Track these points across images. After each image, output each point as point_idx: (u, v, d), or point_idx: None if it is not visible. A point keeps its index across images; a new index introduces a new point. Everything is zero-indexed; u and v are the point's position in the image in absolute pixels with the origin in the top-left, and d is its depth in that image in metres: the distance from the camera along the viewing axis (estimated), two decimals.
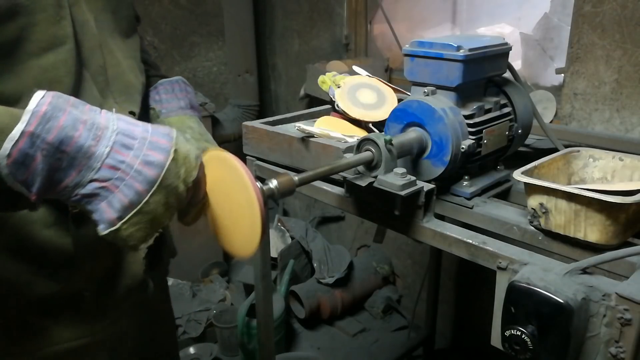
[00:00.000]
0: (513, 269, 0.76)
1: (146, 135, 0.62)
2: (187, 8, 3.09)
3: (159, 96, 1.04)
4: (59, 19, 0.75)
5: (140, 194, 0.61)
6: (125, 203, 0.60)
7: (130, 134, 0.62)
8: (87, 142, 0.59)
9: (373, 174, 0.88)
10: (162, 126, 0.66)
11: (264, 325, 1.51)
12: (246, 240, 0.68)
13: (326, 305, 2.56)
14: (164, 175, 0.61)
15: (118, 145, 0.60)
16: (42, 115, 0.56)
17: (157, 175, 0.61)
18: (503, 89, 1.09)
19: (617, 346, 0.65)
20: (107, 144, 0.60)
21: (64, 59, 0.76)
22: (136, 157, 0.61)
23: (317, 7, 2.77)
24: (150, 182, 0.61)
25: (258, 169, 1.27)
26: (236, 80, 3.05)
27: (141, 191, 0.61)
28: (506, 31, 2.51)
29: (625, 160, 0.96)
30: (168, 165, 0.62)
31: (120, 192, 0.60)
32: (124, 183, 0.60)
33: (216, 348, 2.42)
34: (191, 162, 0.65)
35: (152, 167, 0.61)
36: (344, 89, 1.25)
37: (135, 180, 0.60)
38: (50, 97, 0.58)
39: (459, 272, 2.39)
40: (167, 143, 0.63)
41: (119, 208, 0.60)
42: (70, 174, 0.59)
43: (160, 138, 0.63)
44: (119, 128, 0.61)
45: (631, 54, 1.54)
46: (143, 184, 0.61)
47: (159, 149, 0.62)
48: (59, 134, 0.57)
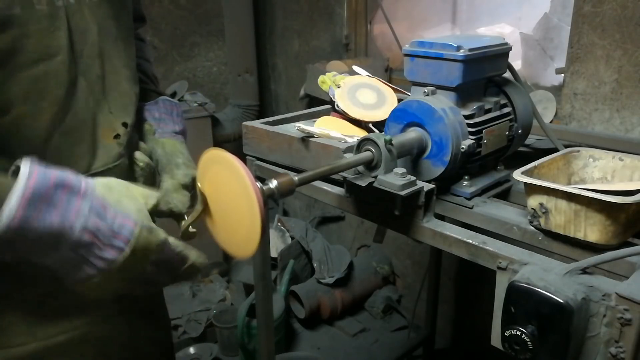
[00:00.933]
0: (513, 269, 0.76)
1: (109, 233, 0.69)
2: (187, 8, 3.09)
3: (159, 114, 1.07)
4: (53, 30, 0.75)
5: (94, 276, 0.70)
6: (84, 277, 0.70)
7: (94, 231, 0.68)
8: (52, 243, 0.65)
9: (373, 174, 0.88)
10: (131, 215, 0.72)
11: (264, 325, 1.51)
12: (246, 240, 0.68)
13: (326, 305, 2.56)
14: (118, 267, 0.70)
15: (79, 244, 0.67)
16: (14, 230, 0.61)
17: (110, 268, 0.70)
18: (503, 89, 1.09)
19: (617, 346, 0.65)
20: (69, 243, 0.66)
21: (55, 70, 0.76)
22: (92, 252, 0.68)
23: (317, 7, 2.77)
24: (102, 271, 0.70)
25: (258, 169, 1.27)
26: (236, 80, 3.05)
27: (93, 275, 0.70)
28: (506, 31, 2.51)
29: (625, 160, 0.96)
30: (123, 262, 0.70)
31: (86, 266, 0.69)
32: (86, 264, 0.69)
33: (216, 348, 2.42)
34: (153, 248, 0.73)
35: (106, 262, 0.69)
36: (344, 89, 1.25)
37: (90, 268, 0.69)
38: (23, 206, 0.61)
39: (459, 272, 2.39)
40: (125, 241, 0.70)
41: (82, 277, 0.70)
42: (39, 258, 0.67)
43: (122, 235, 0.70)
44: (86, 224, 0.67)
45: (631, 54, 1.54)
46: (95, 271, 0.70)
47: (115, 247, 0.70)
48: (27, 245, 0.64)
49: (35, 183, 0.61)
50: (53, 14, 0.75)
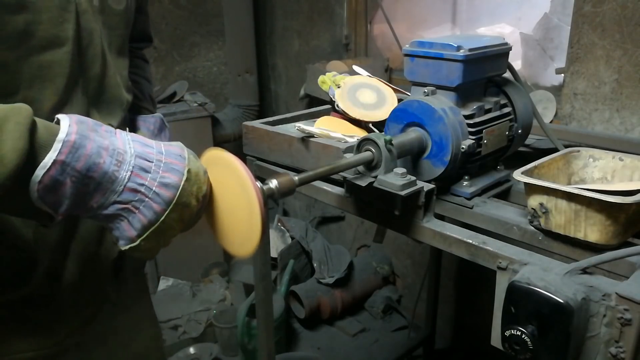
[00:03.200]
0: (513, 269, 0.76)
1: (161, 158, 0.67)
2: (187, 8, 3.09)
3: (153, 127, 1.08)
4: (62, 21, 0.78)
5: (159, 213, 0.65)
6: (145, 223, 0.65)
7: (146, 157, 0.66)
8: (111, 168, 0.63)
9: (373, 174, 0.88)
10: (174, 146, 0.70)
11: (264, 325, 1.51)
12: (246, 239, 0.68)
13: (326, 305, 2.57)
14: (179, 194, 0.66)
15: (137, 169, 0.65)
16: (72, 145, 0.60)
17: (173, 196, 0.66)
18: (503, 89, 1.09)
19: (617, 346, 0.65)
20: (127, 168, 0.64)
21: (60, 59, 0.78)
22: (154, 179, 0.65)
23: (317, 7, 2.77)
24: (167, 202, 0.66)
25: (258, 169, 1.27)
26: (236, 80, 3.05)
27: (159, 211, 0.65)
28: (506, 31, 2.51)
29: (625, 160, 0.96)
30: (182, 185, 0.66)
31: (140, 213, 0.65)
32: (143, 204, 0.65)
33: (216, 348, 2.42)
34: (201, 179, 0.69)
35: (169, 188, 0.66)
36: (344, 89, 1.25)
37: (153, 202, 0.65)
38: (75, 124, 0.61)
39: (459, 272, 2.39)
40: (180, 164, 0.67)
41: (139, 227, 0.65)
42: (95, 196, 0.63)
43: (174, 159, 0.67)
44: (136, 151, 0.66)
45: (631, 54, 1.54)
46: (161, 204, 0.65)
47: (173, 170, 0.66)
48: (87, 161, 0.61)
49: (77, 117, 0.63)
50: (63, 6, 0.78)
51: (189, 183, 0.67)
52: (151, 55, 3.05)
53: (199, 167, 0.69)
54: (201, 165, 0.70)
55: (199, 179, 0.68)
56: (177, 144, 0.71)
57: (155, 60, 3.07)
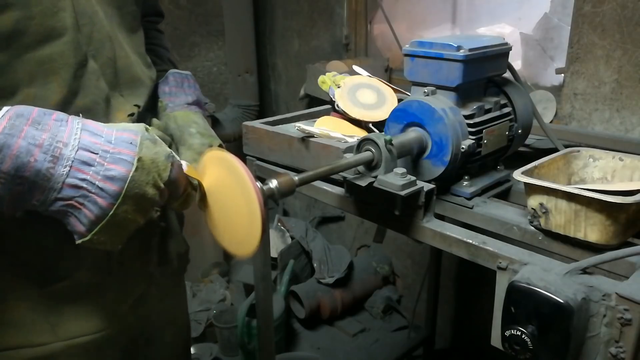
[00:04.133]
0: (513, 269, 0.76)
1: (108, 148, 0.63)
2: (187, 8, 3.09)
3: (168, 88, 1.04)
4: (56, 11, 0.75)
5: (105, 208, 0.62)
6: (92, 218, 0.63)
7: (91, 148, 0.63)
8: (44, 165, 0.60)
9: (373, 174, 0.88)
10: (128, 130, 0.66)
11: (264, 325, 1.51)
12: (246, 240, 0.68)
13: (326, 305, 2.57)
14: (127, 187, 0.63)
15: (77, 163, 0.62)
16: None
17: (120, 189, 0.63)
18: (503, 89, 1.09)
19: (617, 346, 0.65)
20: (65, 163, 0.61)
21: (60, 51, 0.76)
22: (96, 173, 0.62)
23: (317, 7, 2.77)
24: (113, 196, 0.62)
25: (258, 169, 1.27)
26: (236, 80, 3.05)
27: (106, 206, 0.62)
28: (506, 31, 2.51)
29: (625, 160, 0.96)
30: (131, 176, 0.63)
31: (85, 208, 0.62)
32: (87, 199, 0.62)
33: (216, 348, 2.42)
34: (160, 165, 0.66)
35: (114, 181, 0.62)
36: (344, 89, 1.25)
37: (98, 196, 0.62)
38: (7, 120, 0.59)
39: (459, 272, 2.39)
40: (130, 153, 0.64)
41: (87, 222, 0.63)
42: (34, 195, 0.61)
43: (123, 148, 0.64)
44: (80, 143, 0.62)
45: (631, 54, 1.54)
46: (107, 199, 0.62)
47: (120, 161, 0.63)
48: (14, 162, 0.58)
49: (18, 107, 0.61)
50: None
51: (141, 172, 0.64)
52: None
53: (156, 153, 0.66)
54: (162, 149, 0.67)
55: (156, 166, 0.65)
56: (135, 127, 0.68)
57: None
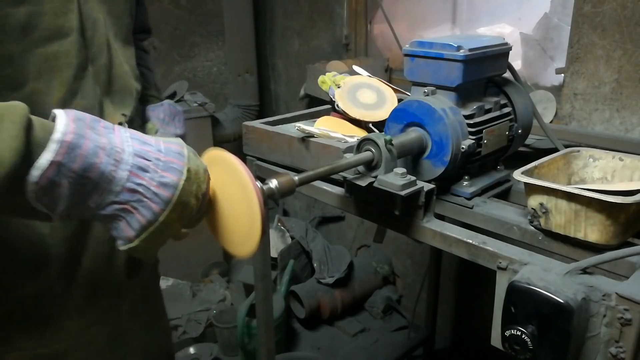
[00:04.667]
0: (513, 269, 0.76)
1: (159, 156, 0.65)
2: (187, 8, 3.09)
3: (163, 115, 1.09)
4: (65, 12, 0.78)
5: (157, 214, 0.64)
6: (144, 223, 0.64)
7: (145, 155, 0.65)
8: (108, 168, 0.62)
9: (373, 174, 0.88)
10: (173, 143, 0.68)
11: (264, 325, 1.51)
12: (246, 239, 0.68)
13: (326, 305, 2.56)
14: (178, 194, 0.65)
15: (135, 169, 0.63)
16: (68, 145, 0.58)
17: (171, 196, 0.64)
18: (503, 89, 1.09)
19: (617, 346, 0.65)
20: (125, 167, 0.63)
21: (66, 50, 0.79)
22: (152, 179, 0.64)
23: (317, 7, 2.77)
24: (166, 202, 0.64)
25: (258, 169, 1.27)
26: (236, 80, 3.05)
27: (158, 211, 0.64)
28: (506, 31, 2.51)
29: (625, 160, 0.96)
30: (182, 184, 0.65)
31: (138, 213, 0.64)
32: (141, 204, 0.64)
33: (216, 348, 2.42)
34: (201, 177, 0.68)
35: (167, 188, 0.64)
36: (344, 89, 1.25)
37: (152, 202, 0.64)
38: (73, 122, 0.60)
39: (459, 272, 2.39)
40: (180, 162, 0.66)
41: (137, 227, 0.64)
42: (93, 197, 0.62)
43: (173, 157, 0.66)
44: (134, 150, 0.64)
45: (631, 54, 1.54)
46: (159, 205, 0.64)
47: (172, 169, 0.65)
48: (84, 162, 0.59)
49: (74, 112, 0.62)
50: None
51: (189, 182, 0.66)
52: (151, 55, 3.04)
53: (198, 165, 0.68)
54: (201, 162, 0.69)
55: (198, 178, 0.67)
56: (177, 140, 0.70)
57: (155, 60, 3.07)
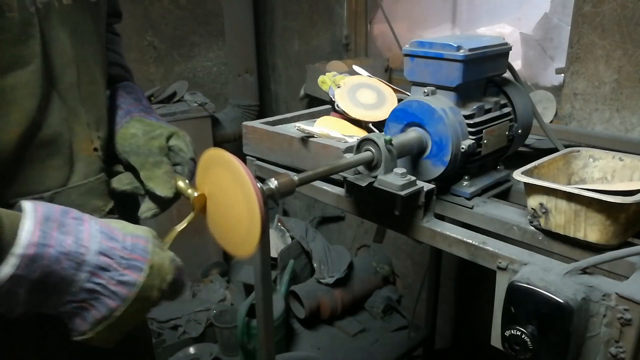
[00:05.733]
0: (513, 269, 0.76)
1: (124, 254, 0.65)
2: (187, 8, 3.09)
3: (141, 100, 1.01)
4: (26, 38, 0.71)
5: (113, 309, 0.64)
6: (98, 317, 0.64)
7: (109, 253, 0.65)
8: (69, 272, 0.61)
9: (373, 174, 0.88)
10: (140, 236, 0.68)
11: (264, 325, 1.51)
12: (246, 239, 0.68)
13: (326, 305, 2.56)
14: (137, 291, 0.65)
15: (97, 269, 0.63)
16: (30, 258, 0.58)
17: (130, 293, 0.65)
18: (503, 89, 1.09)
19: (617, 346, 0.65)
20: (87, 269, 0.63)
21: (25, 81, 0.71)
22: (112, 278, 0.64)
23: (317, 7, 2.77)
24: (124, 299, 0.65)
25: (258, 169, 1.27)
26: (236, 80, 3.05)
27: (114, 307, 0.64)
28: (506, 31, 2.51)
29: (625, 160, 0.96)
30: (144, 281, 0.66)
31: (94, 309, 0.64)
32: (98, 301, 0.64)
33: (216, 348, 2.42)
34: (165, 269, 0.68)
35: (127, 286, 0.65)
36: (344, 89, 1.25)
37: (109, 299, 0.64)
38: (39, 228, 0.59)
39: (459, 272, 2.39)
40: (142, 260, 0.66)
41: (92, 322, 0.64)
42: (51, 299, 0.62)
43: (138, 255, 0.66)
44: (100, 247, 0.64)
45: (631, 54, 1.54)
46: (116, 301, 0.64)
47: (134, 267, 0.66)
48: (44, 271, 0.59)
49: (43, 208, 0.62)
50: (26, 21, 0.70)
51: (150, 277, 0.66)
52: (151, 55, 3.05)
53: (163, 258, 0.68)
54: (167, 255, 0.70)
55: (162, 271, 0.68)
56: (144, 232, 0.69)
57: (155, 60, 3.07)
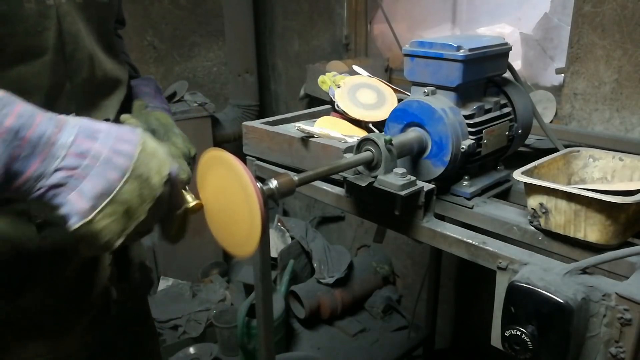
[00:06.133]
0: (513, 269, 0.76)
1: (111, 130, 0.60)
2: (187, 8, 3.09)
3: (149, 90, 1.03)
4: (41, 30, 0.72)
5: (112, 181, 0.57)
6: (98, 191, 0.57)
7: (93, 127, 0.59)
8: (49, 130, 0.55)
9: (373, 174, 0.88)
10: (125, 125, 0.64)
11: (264, 325, 1.51)
12: (246, 240, 0.68)
13: (326, 305, 2.57)
14: (134, 164, 0.59)
15: (82, 135, 0.57)
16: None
17: (127, 164, 0.59)
18: (503, 89, 1.09)
19: (617, 346, 0.65)
20: (70, 132, 0.57)
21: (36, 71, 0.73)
22: (103, 146, 0.58)
23: (317, 7, 2.77)
24: (121, 169, 0.58)
25: (258, 169, 1.27)
26: (236, 80, 3.05)
27: (113, 179, 0.58)
28: (506, 31, 2.51)
29: (625, 160, 0.96)
30: (137, 155, 0.60)
31: (90, 180, 0.57)
32: (93, 171, 0.57)
33: (216, 348, 2.42)
34: (161, 157, 0.63)
35: (122, 156, 0.59)
36: (344, 89, 1.25)
37: (105, 168, 0.57)
38: (2, 92, 0.55)
39: (459, 272, 2.39)
40: (133, 136, 0.61)
41: (92, 196, 0.57)
42: (32, 163, 0.55)
43: (126, 133, 0.61)
44: (81, 122, 0.59)
45: (631, 54, 1.54)
46: (114, 172, 0.58)
47: (126, 141, 0.60)
48: (17, 120, 0.53)
49: None
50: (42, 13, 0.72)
51: (146, 154, 0.60)
52: (151, 55, 3.05)
53: (156, 146, 0.63)
54: (162, 148, 0.64)
55: (157, 155, 0.62)
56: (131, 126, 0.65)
57: (155, 60, 3.07)
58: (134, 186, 0.59)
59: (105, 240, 0.59)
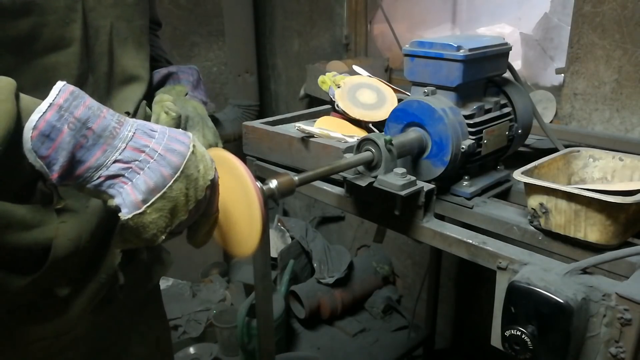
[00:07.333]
0: (513, 269, 0.76)
1: (165, 130, 0.64)
2: (187, 8, 3.09)
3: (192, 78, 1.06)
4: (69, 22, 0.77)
5: (165, 178, 0.61)
6: (151, 185, 0.60)
7: (149, 126, 0.63)
8: (112, 124, 0.59)
9: (373, 174, 0.88)
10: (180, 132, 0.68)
11: (264, 325, 1.51)
12: (246, 239, 0.68)
13: (326, 305, 2.57)
14: (185, 164, 0.62)
15: (140, 132, 0.61)
16: (70, 92, 0.57)
17: (180, 163, 0.62)
18: (503, 89, 1.09)
19: (617, 346, 0.65)
20: (130, 128, 0.61)
21: (66, 61, 0.77)
22: (159, 144, 0.62)
23: (317, 7, 2.77)
24: (174, 167, 0.61)
25: (258, 169, 1.27)
26: (236, 80, 3.05)
27: (166, 175, 0.61)
28: (506, 31, 2.51)
29: (625, 160, 0.96)
30: (189, 156, 0.63)
31: (145, 175, 0.60)
32: (148, 166, 0.60)
33: (216, 348, 2.42)
34: (208, 161, 0.66)
35: (175, 154, 0.62)
36: (344, 89, 1.25)
37: (159, 164, 0.61)
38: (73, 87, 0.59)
39: (459, 272, 2.39)
40: (185, 138, 0.64)
41: (144, 190, 0.60)
42: (94, 153, 0.59)
43: (179, 134, 0.65)
44: (138, 121, 0.63)
45: (631, 54, 1.54)
46: (167, 169, 0.61)
47: (179, 141, 0.63)
48: (86, 111, 0.58)
49: None
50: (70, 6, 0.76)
51: (195, 156, 0.63)
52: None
53: (204, 151, 0.66)
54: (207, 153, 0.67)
55: (205, 159, 0.65)
56: None
57: None
58: (182, 185, 0.62)
59: (151, 233, 0.62)
